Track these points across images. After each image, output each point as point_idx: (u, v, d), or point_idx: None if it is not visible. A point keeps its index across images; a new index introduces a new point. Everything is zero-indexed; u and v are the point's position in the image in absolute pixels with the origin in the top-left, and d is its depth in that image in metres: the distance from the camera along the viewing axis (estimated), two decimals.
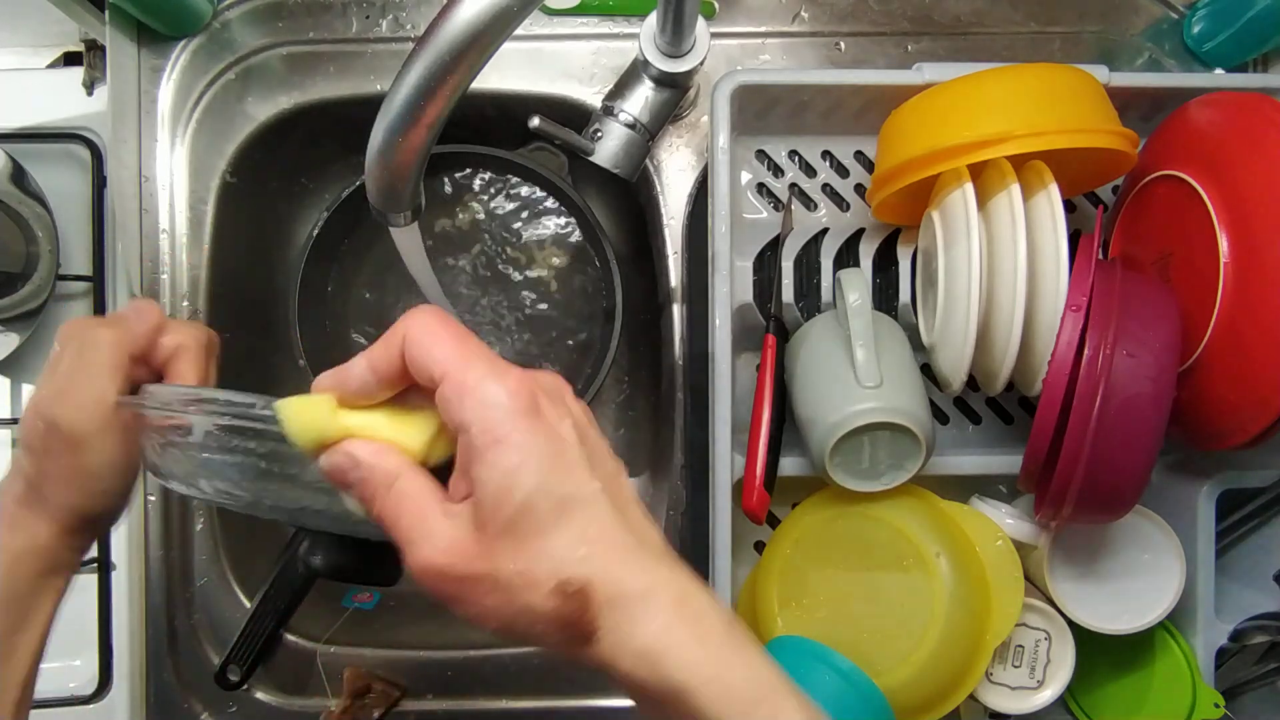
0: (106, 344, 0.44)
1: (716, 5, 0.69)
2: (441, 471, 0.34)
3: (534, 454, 0.30)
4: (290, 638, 0.70)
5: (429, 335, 0.31)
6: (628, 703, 0.69)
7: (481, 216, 0.72)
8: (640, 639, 0.30)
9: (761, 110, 0.61)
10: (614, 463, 0.34)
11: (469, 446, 0.31)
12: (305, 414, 0.33)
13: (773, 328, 0.60)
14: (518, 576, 0.30)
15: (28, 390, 0.71)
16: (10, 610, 0.45)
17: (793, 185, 0.64)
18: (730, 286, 0.58)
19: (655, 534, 0.33)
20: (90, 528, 0.47)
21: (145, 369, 0.47)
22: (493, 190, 0.76)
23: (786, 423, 0.59)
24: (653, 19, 0.60)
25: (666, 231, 0.70)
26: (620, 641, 0.30)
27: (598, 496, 0.31)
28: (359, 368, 0.33)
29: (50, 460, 0.44)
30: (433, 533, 0.31)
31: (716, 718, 0.29)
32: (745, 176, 0.64)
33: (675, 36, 0.59)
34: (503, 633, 0.31)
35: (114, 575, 0.68)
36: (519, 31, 0.36)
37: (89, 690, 0.67)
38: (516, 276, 0.75)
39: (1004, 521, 0.59)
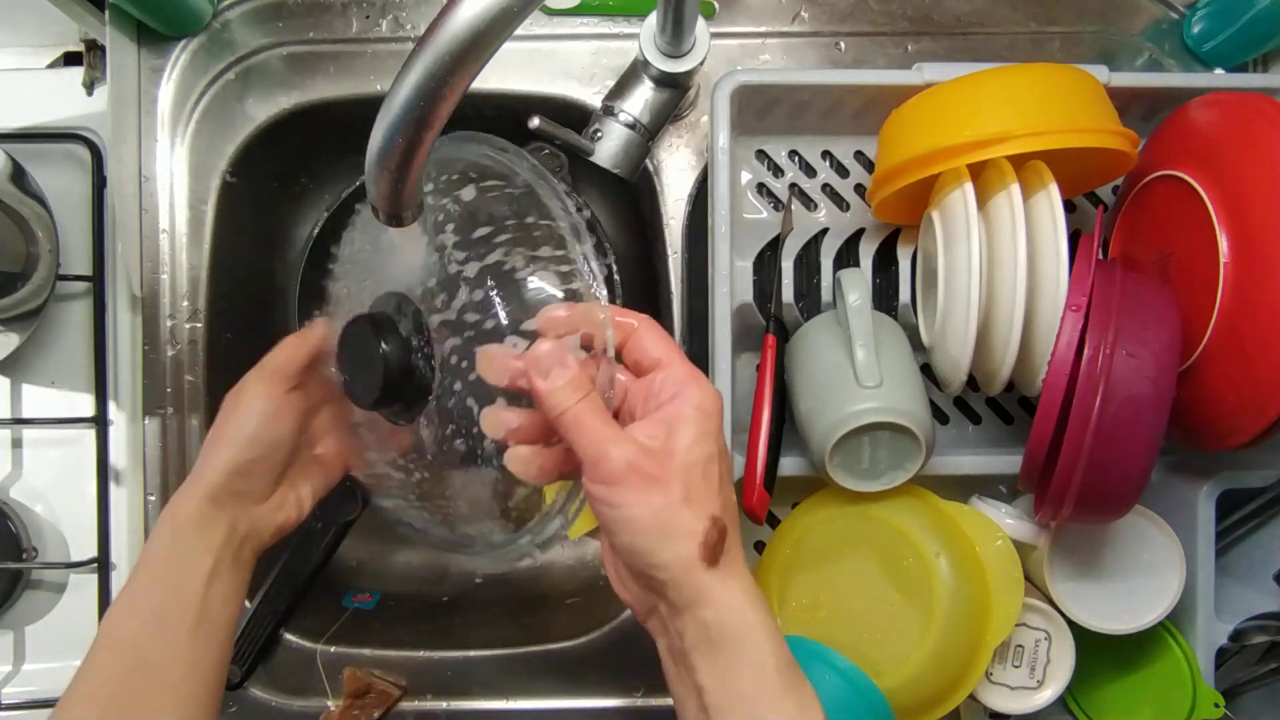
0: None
1: (716, 5, 0.69)
2: None
3: (715, 438, 0.40)
4: (290, 638, 0.70)
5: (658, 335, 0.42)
6: (627, 702, 0.69)
7: (480, 217, 0.72)
8: (737, 585, 0.38)
9: (761, 110, 0.61)
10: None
11: (676, 414, 0.39)
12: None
13: (773, 328, 0.60)
14: (688, 496, 0.38)
15: (28, 390, 0.71)
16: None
17: (793, 185, 0.64)
18: (730, 286, 0.58)
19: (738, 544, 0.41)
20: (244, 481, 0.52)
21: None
22: (492, 190, 0.75)
23: (786, 423, 0.59)
24: (653, 19, 0.60)
25: (666, 231, 0.70)
26: (728, 576, 0.38)
27: (731, 495, 0.41)
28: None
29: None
30: (620, 440, 0.39)
31: (769, 658, 0.38)
32: (745, 176, 0.64)
33: (675, 36, 0.59)
34: (644, 529, 0.38)
35: (114, 575, 0.68)
36: (519, 31, 0.36)
37: None
38: (516, 276, 0.75)
39: (1004, 521, 0.59)
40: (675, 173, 0.70)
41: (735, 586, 0.38)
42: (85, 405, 0.70)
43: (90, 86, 0.70)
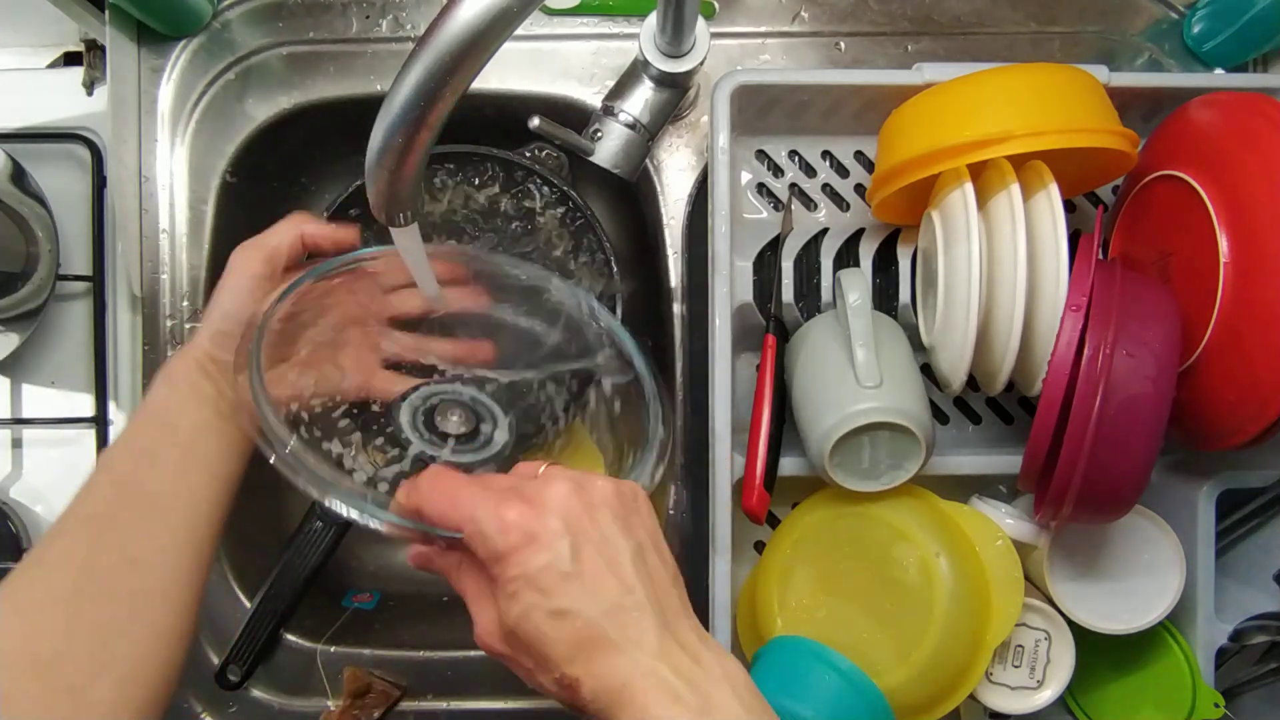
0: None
1: (716, 5, 0.69)
2: None
3: (533, 571, 0.37)
4: (290, 638, 0.70)
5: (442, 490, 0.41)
6: None
7: (480, 217, 0.71)
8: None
9: (761, 110, 0.61)
10: (658, 557, 0.40)
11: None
12: None
13: (773, 328, 0.60)
14: (533, 665, 0.38)
15: (28, 390, 0.71)
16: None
17: (793, 185, 0.64)
18: (730, 286, 0.58)
19: (687, 629, 0.39)
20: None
21: None
22: (492, 190, 0.75)
23: (786, 423, 0.59)
24: (653, 19, 0.60)
25: (666, 231, 0.70)
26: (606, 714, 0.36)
27: (611, 616, 0.37)
28: None
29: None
30: (482, 615, 0.40)
31: None
32: (745, 176, 0.64)
33: (675, 36, 0.59)
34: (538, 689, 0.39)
35: None
36: (519, 31, 0.36)
37: None
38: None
39: (1004, 521, 0.59)
40: (675, 173, 0.70)
41: None
42: (85, 405, 0.70)
43: (90, 86, 0.71)
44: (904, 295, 0.61)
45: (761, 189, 0.64)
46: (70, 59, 0.73)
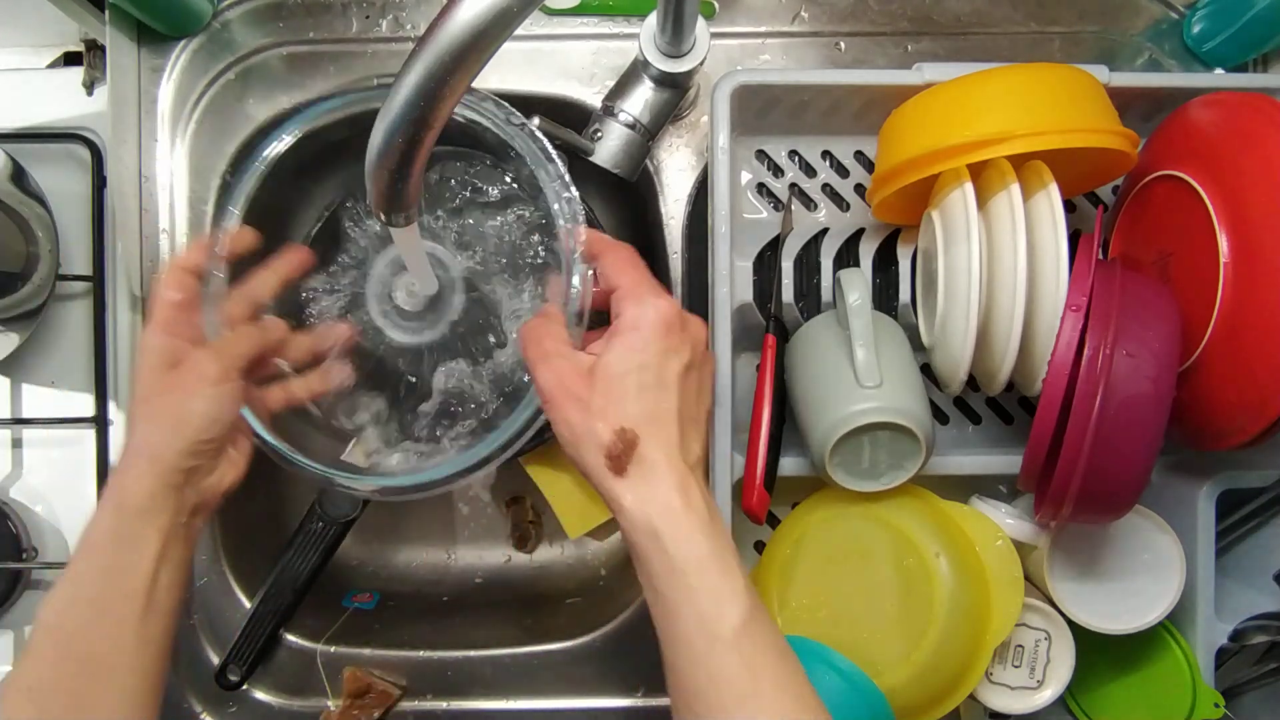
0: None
1: (716, 5, 0.69)
2: None
3: (646, 350, 0.43)
4: (290, 638, 0.70)
5: (617, 260, 0.47)
6: (627, 702, 0.69)
7: (480, 217, 0.72)
8: (648, 491, 0.41)
9: (761, 110, 0.61)
10: (703, 397, 0.46)
11: (614, 331, 0.44)
12: None
13: (773, 328, 0.60)
14: (599, 410, 0.42)
15: (28, 390, 0.71)
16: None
17: (793, 185, 0.64)
18: (730, 286, 0.58)
19: (698, 449, 0.44)
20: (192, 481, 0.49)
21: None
22: (492, 190, 0.75)
23: (786, 423, 0.59)
24: (653, 19, 0.60)
25: (666, 231, 0.70)
26: (635, 486, 0.42)
27: (672, 404, 0.43)
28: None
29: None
30: (547, 363, 0.45)
31: (675, 553, 0.40)
32: (745, 176, 0.64)
33: (675, 36, 0.59)
34: (567, 442, 0.43)
35: None
36: (519, 31, 0.36)
37: None
38: (515, 276, 0.75)
39: (1004, 521, 0.59)
40: (675, 173, 0.70)
41: (644, 494, 0.41)
42: (85, 405, 0.70)
43: (90, 86, 0.71)
44: (904, 295, 0.61)
45: (761, 189, 0.64)
46: (70, 59, 0.73)
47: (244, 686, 0.68)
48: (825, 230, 0.63)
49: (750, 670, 0.39)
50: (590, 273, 0.49)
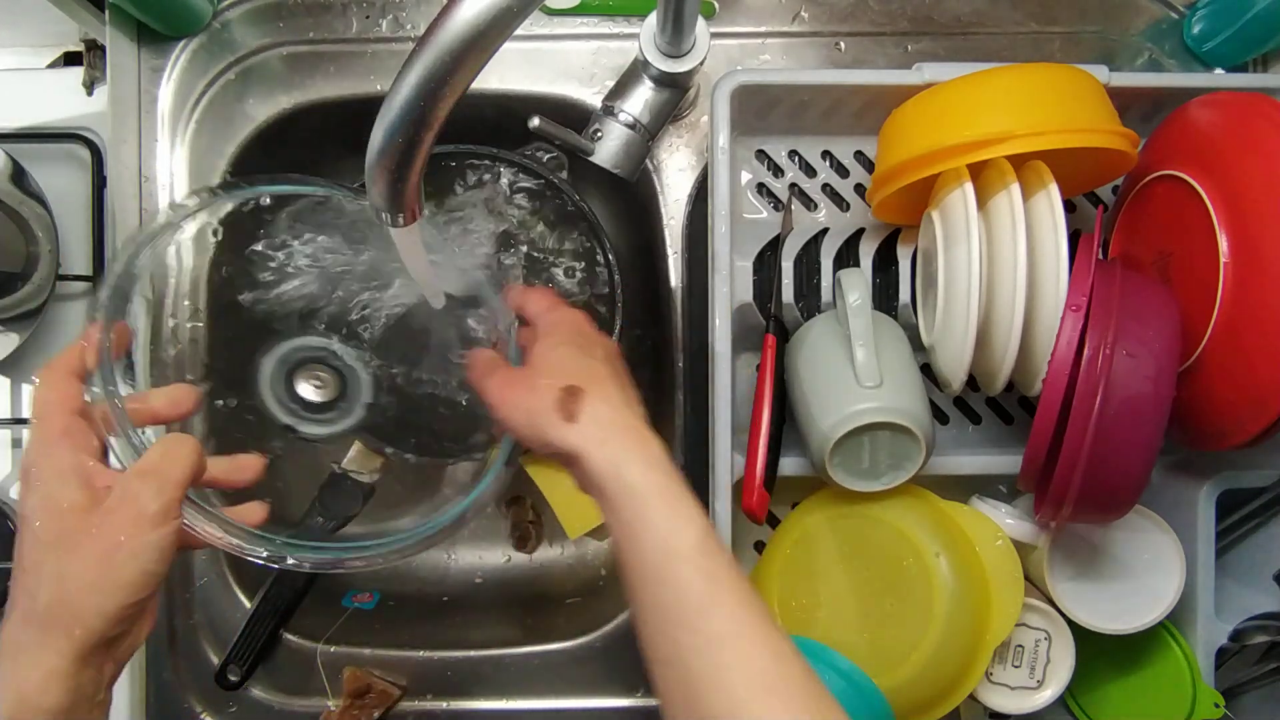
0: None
1: (716, 5, 0.69)
2: None
3: (569, 338, 0.49)
4: (290, 638, 0.70)
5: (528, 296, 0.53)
6: (627, 702, 0.69)
7: (480, 217, 0.72)
8: (602, 431, 0.44)
9: (761, 110, 0.61)
10: (631, 391, 0.48)
11: (535, 338, 0.50)
12: None
13: (773, 328, 0.60)
14: (543, 378, 0.46)
15: (28, 390, 0.71)
16: None
17: (793, 185, 0.64)
18: (730, 286, 0.58)
19: (639, 409, 0.47)
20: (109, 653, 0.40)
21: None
22: (491, 190, 0.75)
23: (786, 423, 0.59)
24: (653, 19, 0.60)
25: (666, 231, 0.70)
26: (589, 426, 0.44)
27: (604, 371, 0.47)
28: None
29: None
30: (492, 374, 0.49)
31: (634, 481, 0.42)
32: (745, 176, 0.64)
33: (675, 36, 0.59)
34: (522, 423, 0.46)
35: None
36: (519, 31, 0.36)
37: None
38: (515, 276, 0.75)
39: (1004, 521, 0.59)
40: (675, 173, 0.70)
41: (598, 434, 0.43)
42: None
43: (90, 86, 0.70)
44: (904, 295, 0.61)
45: (761, 189, 0.64)
46: (70, 59, 0.73)
47: (244, 686, 0.68)
48: (825, 230, 0.63)
49: (709, 579, 0.41)
50: (515, 323, 0.54)
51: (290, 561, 0.48)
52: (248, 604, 0.69)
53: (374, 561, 0.49)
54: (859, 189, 0.64)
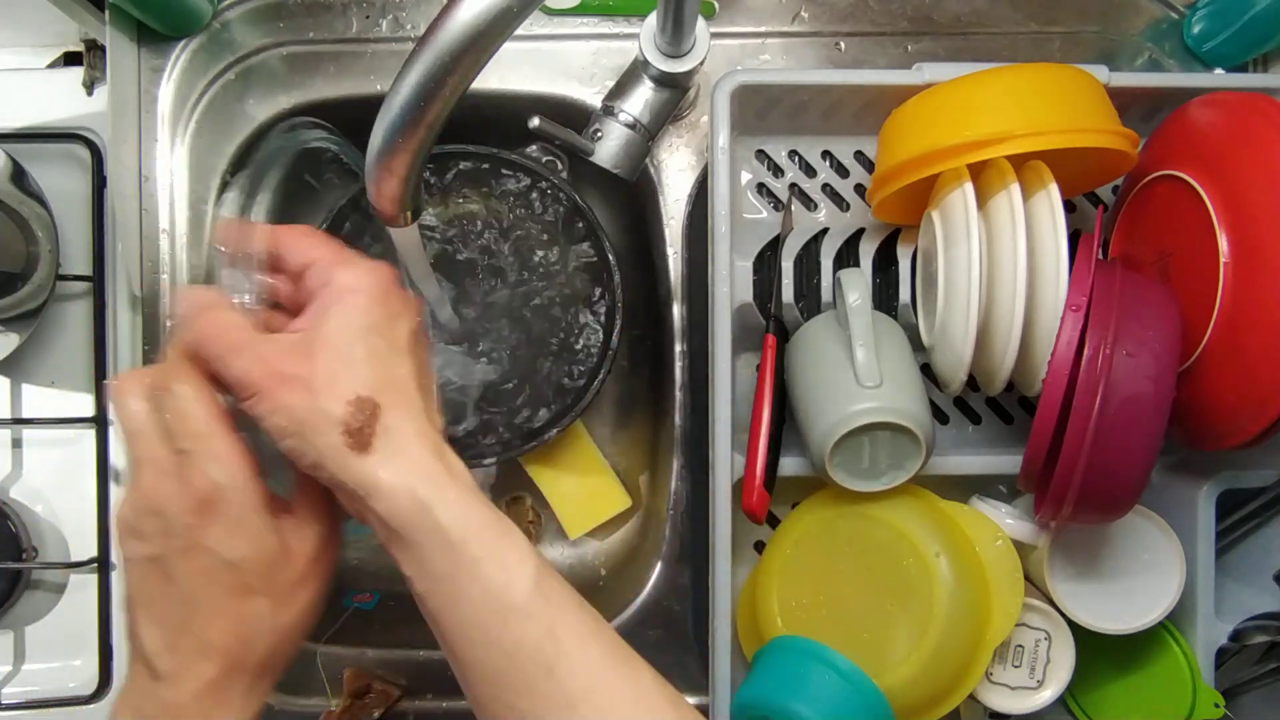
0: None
1: (716, 5, 0.69)
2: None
3: (369, 312, 0.38)
4: None
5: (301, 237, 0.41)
6: None
7: (480, 217, 0.72)
8: (404, 463, 0.36)
9: (761, 110, 0.61)
10: (429, 367, 0.41)
11: (322, 302, 0.38)
12: None
13: (773, 328, 0.60)
14: (325, 384, 0.36)
15: (28, 390, 0.71)
16: None
17: (793, 185, 0.64)
18: (730, 286, 0.58)
19: (439, 420, 0.40)
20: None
21: None
22: (492, 190, 0.75)
23: (786, 423, 0.59)
24: (653, 19, 0.60)
25: (666, 231, 0.70)
26: (388, 460, 0.36)
27: (408, 368, 0.39)
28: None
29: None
30: (242, 351, 0.37)
31: (450, 523, 0.36)
32: (745, 176, 0.64)
33: (675, 36, 0.59)
34: (290, 432, 0.36)
35: (114, 575, 0.68)
36: (519, 31, 0.36)
37: (89, 690, 0.67)
38: (515, 276, 0.75)
39: (1004, 521, 0.59)
40: (675, 173, 0.70)
41: (401, 467, 0.36)
42: (85, 405, 0.70)
43: (90, 86, 0.70)
44: (904, 295, 0.61)
45: (761, 189, 0.64)
46: (70, 59, 0.73)
47: None
48: (825, 230, 0.63)
49: (551, 635, 0.36)
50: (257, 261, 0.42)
51: None
52: None
53: None
54: (859, 189, 0.64)
